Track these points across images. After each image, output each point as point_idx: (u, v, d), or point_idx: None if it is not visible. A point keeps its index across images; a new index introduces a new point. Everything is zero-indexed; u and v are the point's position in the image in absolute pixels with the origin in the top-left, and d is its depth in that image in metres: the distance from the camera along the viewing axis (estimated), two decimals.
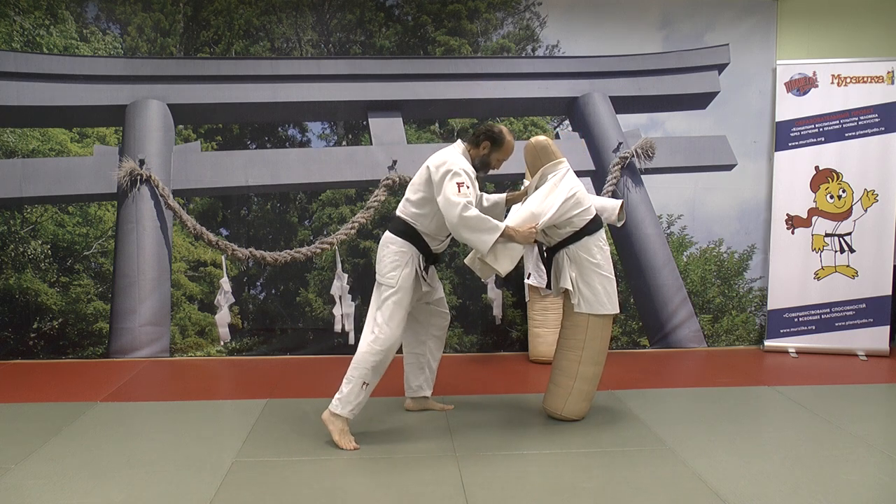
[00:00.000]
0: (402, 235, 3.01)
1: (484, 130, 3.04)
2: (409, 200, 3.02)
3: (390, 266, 2.97)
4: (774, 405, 3.51)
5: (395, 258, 2.98)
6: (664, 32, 4.67)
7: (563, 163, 3.10)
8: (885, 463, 2.73)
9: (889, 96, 4.40)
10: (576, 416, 3.19)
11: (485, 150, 3.04)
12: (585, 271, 3.07)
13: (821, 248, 4.54)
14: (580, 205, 3.03)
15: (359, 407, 2.95)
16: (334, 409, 2.94)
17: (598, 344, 3.13)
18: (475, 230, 2.83)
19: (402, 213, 3.04)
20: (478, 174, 3.04)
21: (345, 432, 2.93)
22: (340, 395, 2.94)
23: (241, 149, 4.56)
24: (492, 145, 3.03)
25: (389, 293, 2.95)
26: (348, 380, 2.94)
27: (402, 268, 2.96)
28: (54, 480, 2.58)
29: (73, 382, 3.94)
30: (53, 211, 4.44)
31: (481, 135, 3.03)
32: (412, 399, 3.38)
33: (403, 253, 2.98)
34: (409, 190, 3.05)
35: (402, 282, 2.95)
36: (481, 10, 4.61)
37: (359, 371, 2.93)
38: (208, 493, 2.46)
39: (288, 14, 4.54)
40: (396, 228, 3.04)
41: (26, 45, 4.36)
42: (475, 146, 3.05)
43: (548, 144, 3.11)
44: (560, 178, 3.05)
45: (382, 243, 3.05)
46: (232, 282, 4.57)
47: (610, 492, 2.47)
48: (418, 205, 2.99)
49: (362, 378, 2.92)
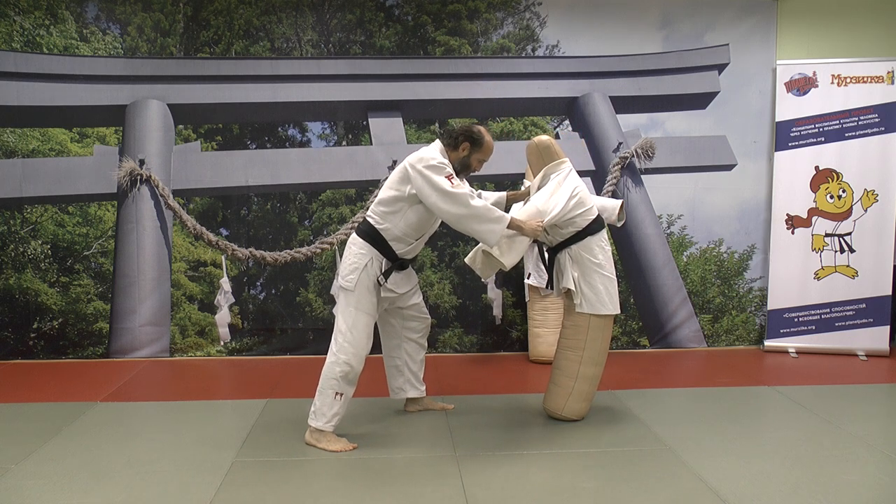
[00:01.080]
0: (364, 237, 2.91)
1: (462, 131, 2.91)
2: (381, 200, 2.90)
3: (349, 268, 2.89)
4: (774, 405, 3.51)
5: (354, 260, 2.89)
6: (664, 32, 4.67)
7: (566, 163, 3.10)
8: (885, 463, 2.73)
9: (889, 96, 4.40)
10: (576, 416, 3.19)
11: (464, 152, 2.92)
12: (587, 271, 3.07)
13: (821, 248, 4.54)
14: (583, 204, 3.03)
15: (337, 418, 2.88)
16: (312, 422, 2.89)
17: (599, 344, 3.12)
18: (483, 220, 2.74)
19: (370, 214, 2.94)
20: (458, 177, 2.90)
21: (333, 440, 2.88)
22: (314, 408, 2.90)
23: (241, 149, 4.56)
24: (471, 146, 2.92)
25: (348, 297, 2.87)
26: (320, 392, 2.89)
27: (360, 270, 2.86)
28: (54, 480, 2.58)
29: (73, 382, 3.94)
30: (53, 211, 4.44)
31: (459, 136, 2.90)
32: (408, 400, 3.35)
33: (363, 255, 2.88)
34: (381, 190, 2.95)
35: (358, 285, 2.86)
36: (481, 10, 4.61)
37: (328, 382, 2.88)
38: (208, 493, 2.46)
39: (288, 14, 4.54)
40: (361, 229, 2.94)
41: (26, 45, 4.36)
42: (453, 148, 2.92)
43: (551, 144, 3.10)
44: (563, 177, 3.04)
45: (347, 244, 2.96)
46: (232, 282, 4.57)
47: (610, 492, 2.47)
48: (389, 203, 2.87)
49: (333, 389, 2.86)
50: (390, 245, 2.91)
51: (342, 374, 2.86)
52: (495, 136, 4.63)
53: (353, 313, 2.87)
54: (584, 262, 3.06)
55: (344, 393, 2.88)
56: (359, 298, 2.87)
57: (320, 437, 2.89)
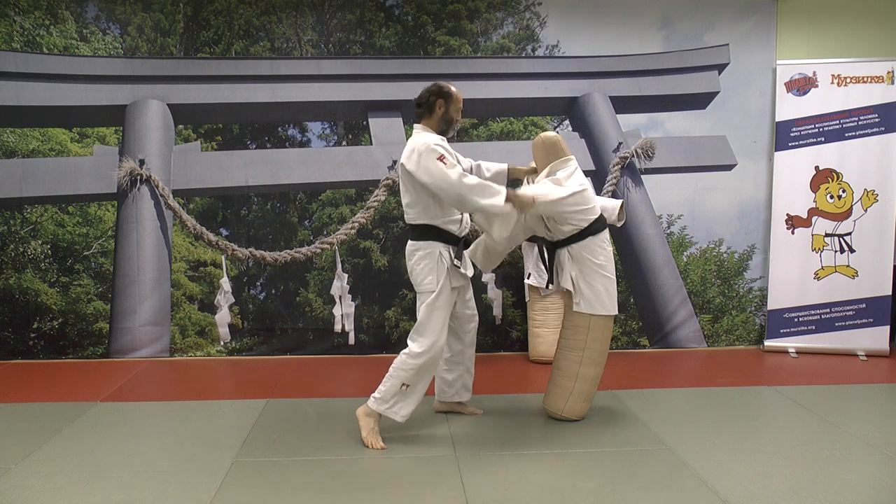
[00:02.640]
0: (421, 237, 2.94)
1: (430, 92, 2.95)
2: (406, 204, 2.97)
3: (423, 272, 2.91)
4: (774, 405, 3.51)
5: (425, 262, 2.91)
6: (664, 32, 4.67)
7: (573, 160, 3.10)
8: (885, 463, 2.73)
9: (889, 96, 4.40)
10: (576, 416, 3.19)
11: (441, 109, 2.95)
12: (587, 271, 3.06)
13: (821, 248, 4.54)
14: (587, 202, 3.03)
15: (398, 408, 2.90)
16: (370, 404, 2.92)
17: (599, 345, 3.12)
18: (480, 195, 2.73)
19: (408, 220, 2.99)
20: (447, 136, 2.99)
21: (374, 431, 2.91)
22: (378, 392, 2.92)
23: (241, 149, 4.56)
24: (445, 101, 2.95)
25: (430, 299, 2.89)
26: (388, 378, 2.92)
27: (435, 268, 2.90)
28: (54, 480, 2.58)
29: (73, 382, 3.94)
30: (53, 211, 4.44)
31: (430, 96, 2.94)
32: (442, 402, 3.31)
33: (430, 253, 2.91)
34: (401, 196, 3.00)
35: (441, 283, 2.89)
36: (481, 10, 4.61)
37: (398, 371, 2.90)
38: (208, 493, 2.46)
39: (288, 14, 4.54)
40: (413, 234, 2.98)
41: (26, 45, 4.36)
42: (430, 114, 2.96)
43: (558, 140, 3.10)
44: (569, 174, 3.05)
45: (408, 254, 2.99)
46: (232, 282, 4.57)
47: (610, 492, 2.47)
48: (413, 204, 2.93)
49: (401, 379, 2.89)
50: (446, 230, 2.94)
51: (415, 368, 2.88)
52: (495, 136, 4.64)
53: (430, 311, 2.89)
54: (585, 262, 3.06)
55: (411, 385, 2.90)
56: (441, 297, 2.90)
57: (368, 421, 2.92)
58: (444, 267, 2.91)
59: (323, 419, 3.26)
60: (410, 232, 3.01)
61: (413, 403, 2.94)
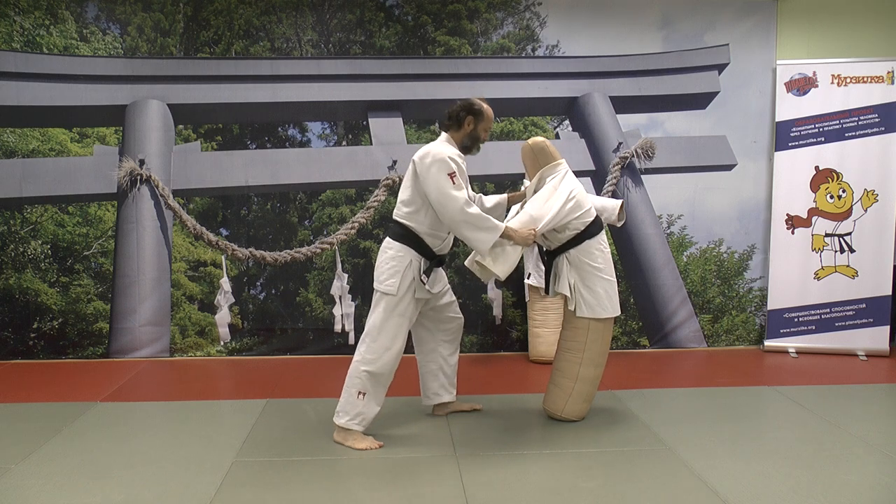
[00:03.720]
0: (399, 239, 2.90)
1: (462, 107, 2.93)
2: (402, 200, 2.93)
3: (388, 272, 2.87)
4: (774, 405, 3.51)
5: (392, 263, 2.87)
6: (664, 32, 4.67)
7: (562, 164, 3.07)
8: (885, 463, 2.73)
9: (889, 96, 4.40)
10: (576, 416, 3.18)
11: (470, 126, 2.94)
12: (587, 275, 3.04)
13: (821, 248, 4.54)
14: (580, 207, 3.00)
15: (361, 417, 2.87)
16: (336, 420, 2.91)
17: (599, 346, 3.12)
18: (476, 228, 2.75)
19: (396, 216, 2.95)
20: (469, 153, 2.97)
21: (358, 438, 2.88)
22: (339, 405, 2.92)
23: (241, 149, 4.56)
24: (475, 119, 2.94)
25: (388, 302, 2.86)
26: (344, 389, 2.91)
27: (401, 273, 2.85)
28: (54, 480, 2.58)
29: (73, 382, 3.94)
30: (53, 211, 4.44)
31: (461, 111, 2.93)
32: (436, 405, 3.29)
33: (401, 258, 2.86)
34: (400, 191, 2.97)
35: (401, 289, 2.85)
36: (481, 10, 4.61)
37: (352, 380, 2.88)
38: (208, 493, 2.46)
39: (288, 14, 4.54)
40: (394, 232, 2.94)
41: (26, 45, 4.36)
42: (458, 127, 2.94)
43: (545, 146, 3.08)
44: (559, 180, 3.01)
45: (381, 249, 2.96)
46: (232, 282, 4.57)
47: (610, 492, 2.47)
48: (408, 203, 2.89)
49: (356, 387, 2.87)
50: (426, 242, 2.90)
51: (367, 374, 2.85)
52: (495, 137, 4.63)
53: (387, 316, 2.85)
54: (584, 267, 3.04)
55: (367, 392, 2.87)
56: (398, 302, 2.86)
57: (346, 436, 2.90)
58: (411, 276, 2.87)
59: (323, 419, 3.25)
60: (391, 227, 2.97)
61: (374, 408, 2.91)
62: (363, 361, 2.86)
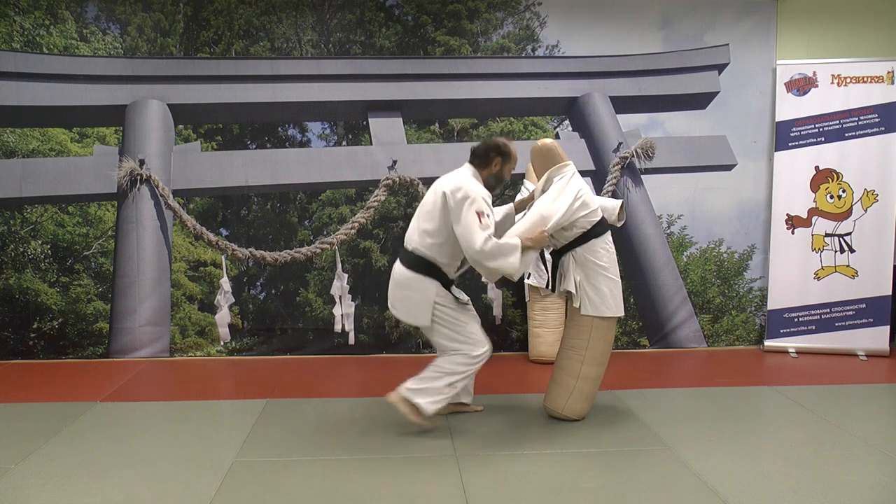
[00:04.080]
0: (420, 270, 2.96)
1: (491, 146, 3.00)
2: (425, 231, 2.95)
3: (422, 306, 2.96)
4: (774, 405, 3.51)
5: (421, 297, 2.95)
6: (664, 32, 4.67)
7: (570, 165, 3.11)
8: (885, 463, 2.73)
9: (889, 96, 4.40)
10: (576, 415, 3.19)
11: (497, 167, 3.01)
12: (592, 274, 3.08)
13: (821, 248, 4.54)
14: (587, 207, 3.05)
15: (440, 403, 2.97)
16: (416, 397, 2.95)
17: (602, 345, 3.13)
18: (498, 257, 2.82)
19: (417, 246, 2.97)
20: (493, 192, 3.02)
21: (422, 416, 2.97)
22: (423, 383, 2.97)
23: (241, 149, 4.56)
24: (503, 160, 3.01)
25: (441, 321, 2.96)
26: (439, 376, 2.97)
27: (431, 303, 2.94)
28: (54, 480, 2.58)
29: (73, 382, 3.94)
30: (53, 211, 4.44)
31: (490, 151, 2.99)
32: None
33: (428, 289, 2.95)
34: (422, 218, 2.98)
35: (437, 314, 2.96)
36: (481, 10, 4.61)
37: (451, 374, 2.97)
38: (208, 493, 2.46)
39: (288, 14, 4.54)
40: (412, 263, 2.98)
41: (26, 45, 4.36)
42: (485, 165, 3.01)
43: (554, 147, 3.12)
44: (567, 180, 3.05)
45: (401, 283, 3.00)
46: (232, 282, 4.57)
47: (610, 492, 2.47)
48: (434, 234, 2.93)
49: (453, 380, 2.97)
50: (443, 270, 3.00)
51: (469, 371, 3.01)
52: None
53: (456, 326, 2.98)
54: (589, 266, 3.08)
55: (457, 388, 3.01)
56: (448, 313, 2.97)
57: (415, 412, 2.98)
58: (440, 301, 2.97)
59: (323, 419, 3.26)
60: (408, 258, 3.00)
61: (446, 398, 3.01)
62: (471, 356, 2.98)
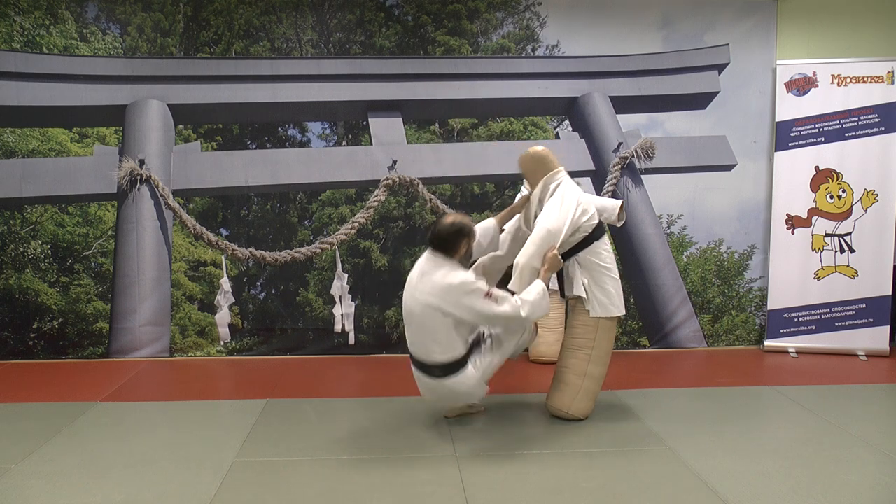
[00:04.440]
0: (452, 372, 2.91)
1: (453, 232, 2.86)
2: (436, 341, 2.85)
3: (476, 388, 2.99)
4: (774, 405, 3.51)
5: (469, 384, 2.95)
6: (664, 32, 4.67)
7: (562, 171, 3.14)
8: (885, 463, 2.73)
9: (889, 96, 4.40)
10: (582, 414, 3.19)
11: (465, 248, 2.92)
12: (597, 275, 3.11)
13: (821, 248, 4.54)
14: (586, 212, 3.07)
15: None
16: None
17: (606, 344, 3.17)
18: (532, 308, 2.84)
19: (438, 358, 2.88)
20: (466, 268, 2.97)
21: None
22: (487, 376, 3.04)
23: (241, 149, 4.56)
24: (468, 239, 2.92)
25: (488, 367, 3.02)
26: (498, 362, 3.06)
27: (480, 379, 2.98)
28: (54, 480, 2.58)
29: (73, 382, 3.94)
30: (53, 211, 4.44)
31: (454, 237, 2.86)
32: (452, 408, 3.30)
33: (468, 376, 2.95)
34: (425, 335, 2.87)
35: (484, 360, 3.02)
36: (481, 10, 4.61)
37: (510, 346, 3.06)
38: (208, 493, 2.46)
39: (288, 14, 4.54)
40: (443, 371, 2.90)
41: (26, 45, 4.36)
42: (454, 252, 2.89)
43: (547, 153, 3.14)
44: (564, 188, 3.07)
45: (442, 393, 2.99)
46: (232, 282, 4.57)
47: (610, 492, 2.47)
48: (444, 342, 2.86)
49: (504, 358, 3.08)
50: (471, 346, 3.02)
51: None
52: (495, 137, 4.64)
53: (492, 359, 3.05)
54: (594, 267, 3.11)
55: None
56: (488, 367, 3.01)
57: None
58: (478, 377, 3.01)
59: (323, 419, 3.26)
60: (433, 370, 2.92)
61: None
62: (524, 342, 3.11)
